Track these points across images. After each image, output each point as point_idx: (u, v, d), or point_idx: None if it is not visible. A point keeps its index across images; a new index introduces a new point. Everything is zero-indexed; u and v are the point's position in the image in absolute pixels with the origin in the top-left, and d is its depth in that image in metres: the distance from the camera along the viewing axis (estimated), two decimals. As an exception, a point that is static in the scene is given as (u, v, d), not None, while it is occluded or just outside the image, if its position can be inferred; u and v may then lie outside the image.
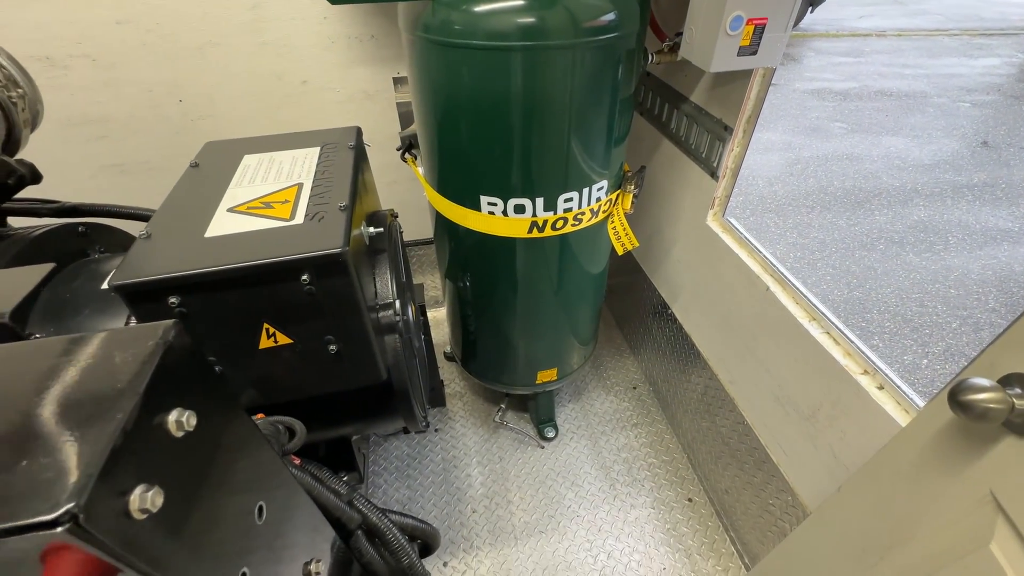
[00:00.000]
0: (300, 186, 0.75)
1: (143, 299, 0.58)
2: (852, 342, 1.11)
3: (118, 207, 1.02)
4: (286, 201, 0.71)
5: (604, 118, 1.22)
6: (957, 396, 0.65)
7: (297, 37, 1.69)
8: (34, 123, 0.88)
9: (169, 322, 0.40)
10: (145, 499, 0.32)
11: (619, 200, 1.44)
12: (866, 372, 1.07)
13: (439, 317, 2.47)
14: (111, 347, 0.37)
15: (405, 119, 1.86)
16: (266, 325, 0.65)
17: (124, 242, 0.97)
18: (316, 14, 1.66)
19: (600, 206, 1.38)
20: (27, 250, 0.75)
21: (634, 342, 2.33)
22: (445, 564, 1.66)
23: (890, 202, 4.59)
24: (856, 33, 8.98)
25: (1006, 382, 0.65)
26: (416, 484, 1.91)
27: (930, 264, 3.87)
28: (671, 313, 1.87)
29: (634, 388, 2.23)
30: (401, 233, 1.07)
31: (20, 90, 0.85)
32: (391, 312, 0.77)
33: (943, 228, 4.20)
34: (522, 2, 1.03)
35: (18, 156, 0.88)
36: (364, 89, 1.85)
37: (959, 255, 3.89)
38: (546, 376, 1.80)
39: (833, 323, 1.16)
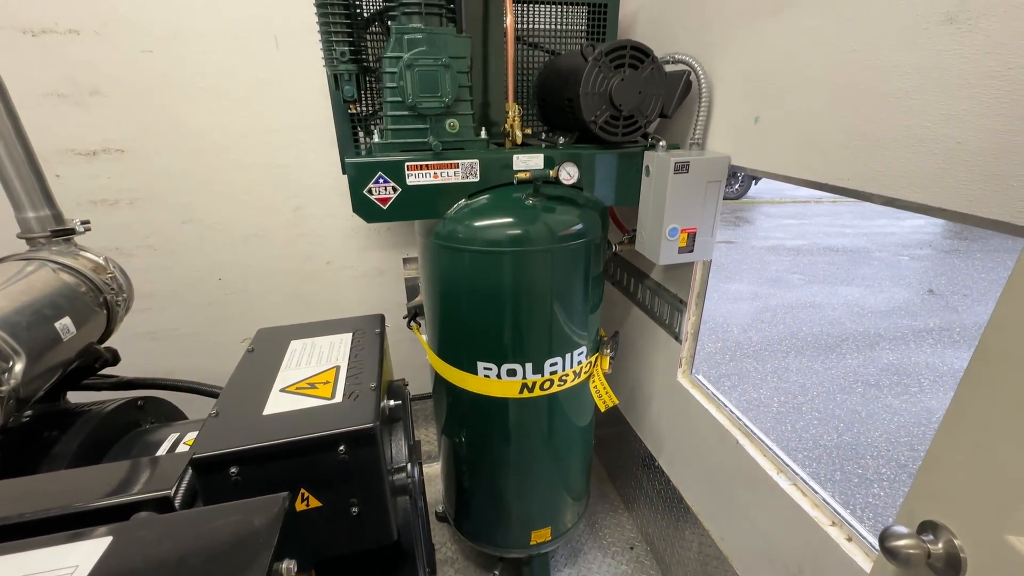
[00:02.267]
0: (338, 368, 0.95)
1: (211, 470, 0.71)
2: (817, 493, 1.22)
3: (169, 380, 1.19)
4: (327, 382, 0.89)
5: (579, 295, 1.49)
6: (884, 543, 0.76)
7: (327, 229, 2.07)
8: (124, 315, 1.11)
9: (284, 494, 0.55)
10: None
11: (598, 362, 1.65)
12: (835, 524, 1.16)
13: (432, 473, 2.47)
14: (250, 514, 0.52)
15: (411, 292, 2.16)
16: (302, 490, 0.77)
17: (169, 412, 1.12)
18: (346, 212, 2.06)
19: (581, 368, 1.59)
20: (101, 424, 0.90)
21: (627, 497, 2.32)
22: None
23: (859, 346, 4.89)
24: (797, 200, 10.43)
25: (922, 529, 0.78)
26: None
27: (910, 406, 4.00)
28: (658, 465, 1.94)
29: (631, 548, 2.17)
30: (411, 400, 1.24)
31: (124, 295, 1.09)
32: (404, 475, 0.89)
33: (914, 371, 4.44)
34: (511, 219, 1.37)
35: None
36: (377, 267, 2.19)
37: (935, 396, 4.05)
38: (540, 536, 1.79)
39: (799, 475, 1.27)
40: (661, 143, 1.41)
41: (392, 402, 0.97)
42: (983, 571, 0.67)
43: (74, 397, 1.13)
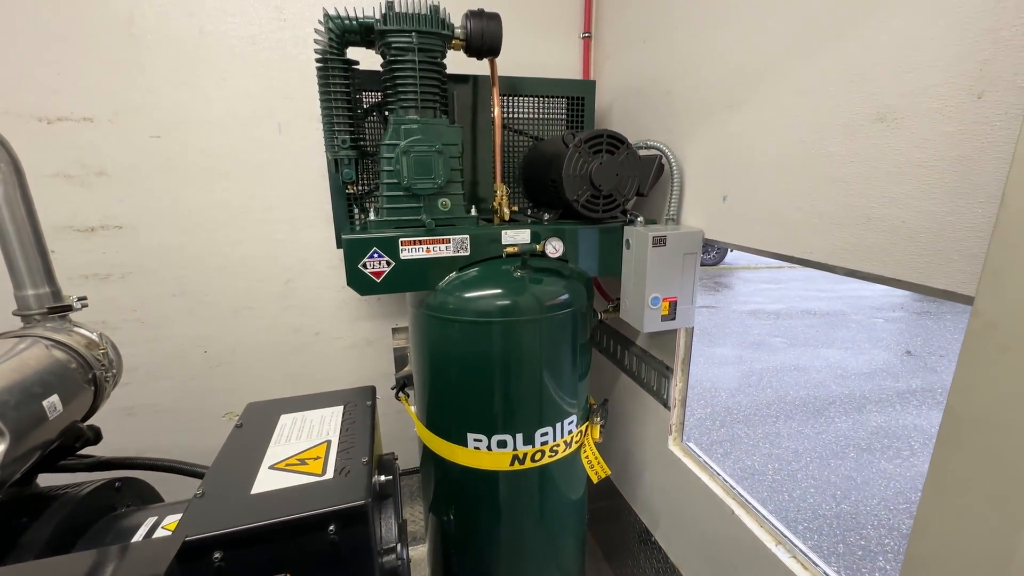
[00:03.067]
0: (329, 443, 0.93)
1: (192, 556, 0.68)
2: (818, 566, 1.19)
3: (149, 460, 1.15)
4: (318, 458, 0.88)
5: (568, 363, 1.52)
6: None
7: (317, 301, 2.10)
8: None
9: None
10: None
11: (588, 431, 1.64)
12: (839, 599, 1.12)
13: (417, 557, 2.32)
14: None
15: (399, 362, 2.16)
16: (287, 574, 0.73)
17: (146, 495, 1.06)
18: (336, 284, 2.10)
19: (572, 438, 1.57)
20: (75, 510, 0.86)
21: (626, 577, 2.20)
22: None
23: (846, 409, 4.90)
24: (771, 266, 10.86)
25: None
26: None
27: (904, 471, 3.96)
28: (655, 541, 1.87)
29: (633, 637, 2.02)
30: (400, 475, 1.21)
31: (113, 371, 1.08)
32: (394, 556, 0.86)
33: (903, 433, 4.44)
34: (500, 290, 1.42)
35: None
36: (366, 337, 2.20)
37: (926, 459, 4.02)
38: (535, 625, 1.67)
39: (798, 547, 1.25)
40: (639, 219, 1.51)
41: (383, 477, 0.95)
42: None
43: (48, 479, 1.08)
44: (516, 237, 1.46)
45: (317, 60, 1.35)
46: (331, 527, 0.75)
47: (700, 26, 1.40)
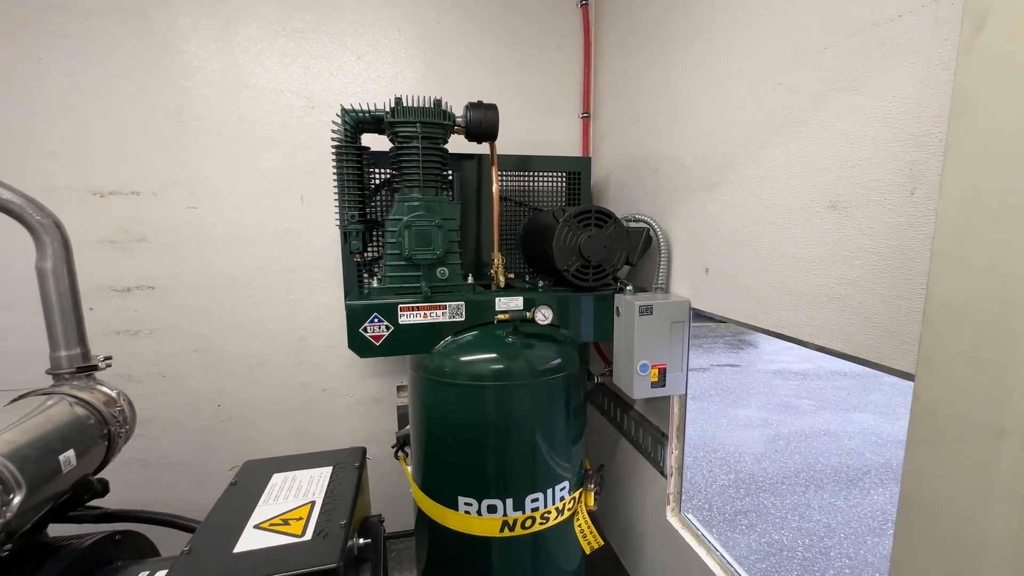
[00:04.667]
0: (312, 504, 0.98)
1: None
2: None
3: (148, 513, 1.21)
4: (300, 519, 0.92)
5: (560, 426, 1.54)
6: None
7: (327, 358, 2.20)
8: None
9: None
10: None
11: (582, 498, 1.62)
12: None
13: (414, 627, 2.24)
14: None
15: (402, 420, 2.20)
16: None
17: (144, 548, 1.12)
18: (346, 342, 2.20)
19: (564, 505, 1.56)
20: (76, 561, 0.92)
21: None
22: None
23: (883, 480, 4.59)
24: (798, 324, 10.55)
25: None
26: None
27: (947, 553, 3.63)
28: (659, 622, 1.77)
29: None
30: (385, 538, 1.22)
31: (127, 427, 1.17)
32: (365, 623, 0.87)
33: (945, 510, 4.10)
34: (494, 355, 1.48)
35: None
36: (372, 395, 2.27)
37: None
38: None
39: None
40: (628, 287, 1.58)
41: (362, 540, 0.98)
42: None
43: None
44: (509, 304, 1.54)
45: (333, 147, 1.52)
46: (302, 592, 0.79)
47: (678, 113, 1.52)
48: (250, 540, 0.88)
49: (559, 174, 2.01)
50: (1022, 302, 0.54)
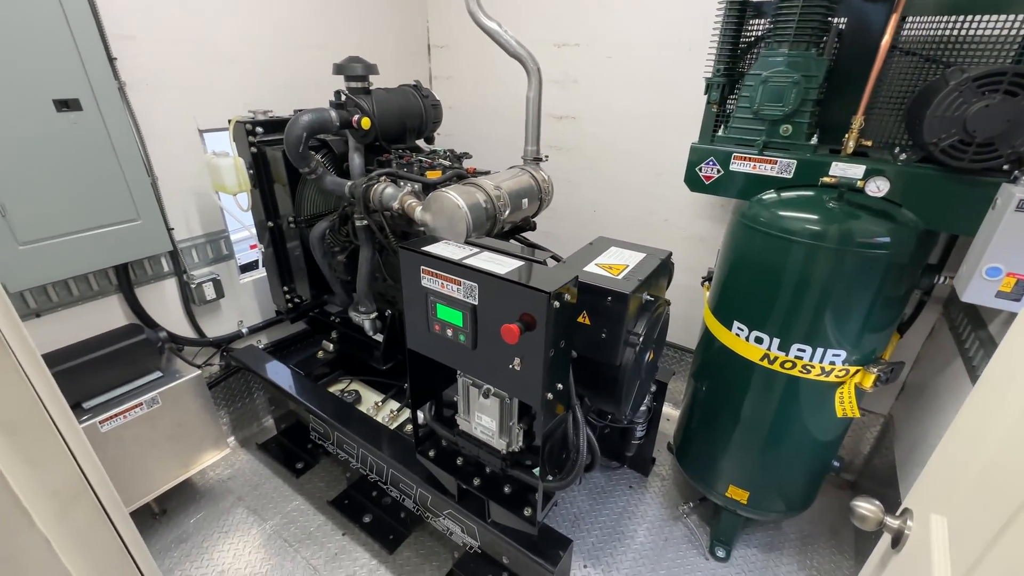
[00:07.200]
0: (627, 265, 1.58)
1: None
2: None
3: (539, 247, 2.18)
4: (620, 268, 1.54)
5: (860, 307, 1.56)
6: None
7: (675, 194, 2.65)
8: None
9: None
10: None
11: (858, 374, 1.67)
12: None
13: (674, 415, 2.91)
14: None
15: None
16: (584, 312, 1.48)
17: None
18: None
19: (833, 370, 1.67)
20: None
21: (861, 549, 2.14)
22: (584, 566, 2.13)
23: None
24: None
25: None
26: (591, 514, 2.42)
27: None
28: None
29: (837, 588, 2.06)
30: (667, 319, 1.75)
31: (549, 196, 2.07)
32: (636, 337, 1.46)
33: None
34: (812, 216, 1.58)
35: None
36: (701, 234, 2.66)
37: None
38: (736, 494, 2.04)
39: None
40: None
41: (647, 296, 1.53)
42: None
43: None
44: (847, 171, 1.54)
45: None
46: (608, 298, 1.42)
47: None
48: (592, 268, 1.56)
49: (1016, 18, 1.52)
50: None
